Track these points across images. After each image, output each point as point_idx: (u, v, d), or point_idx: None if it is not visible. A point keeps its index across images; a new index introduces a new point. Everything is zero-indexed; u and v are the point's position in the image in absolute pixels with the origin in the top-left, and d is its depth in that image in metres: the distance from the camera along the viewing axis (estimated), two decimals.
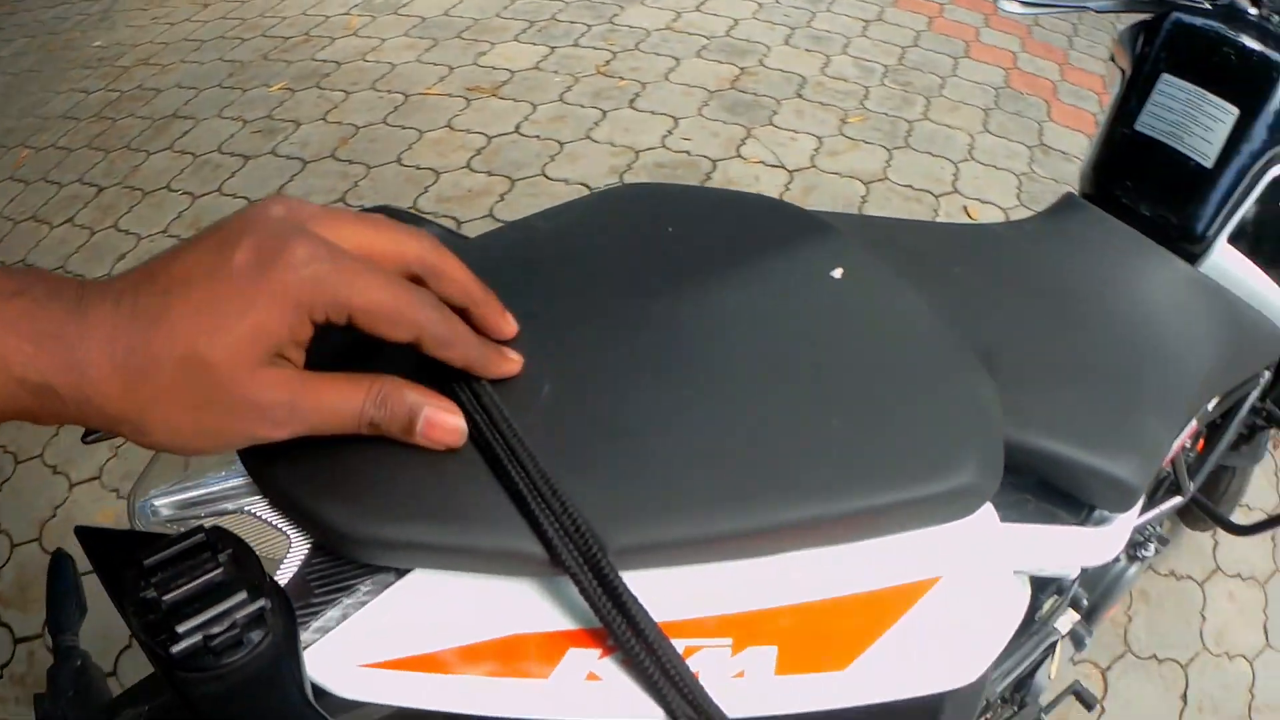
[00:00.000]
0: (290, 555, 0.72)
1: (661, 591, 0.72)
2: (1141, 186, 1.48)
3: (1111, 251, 1.37)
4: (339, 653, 0.70)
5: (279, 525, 0.73)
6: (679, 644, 0.71)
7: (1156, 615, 2.55)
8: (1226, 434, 1.75)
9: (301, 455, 0.71)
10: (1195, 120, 1.43)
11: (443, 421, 0.65)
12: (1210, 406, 1.51)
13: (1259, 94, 1.39)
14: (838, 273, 0.93)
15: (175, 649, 0.62)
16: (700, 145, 3.69)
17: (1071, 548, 1.10)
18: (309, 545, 0.72)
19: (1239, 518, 2.56)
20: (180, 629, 0.62)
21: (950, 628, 0.82)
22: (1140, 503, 1.15)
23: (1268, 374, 1.73)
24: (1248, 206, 1.43)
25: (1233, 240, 1.44)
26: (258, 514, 0.73)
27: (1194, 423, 1.43)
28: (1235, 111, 1.39)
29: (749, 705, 0.74)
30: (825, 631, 0.78)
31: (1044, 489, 1.08)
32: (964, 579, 0.84)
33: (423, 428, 0.64)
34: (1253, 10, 1.53)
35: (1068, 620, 1.54)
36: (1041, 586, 1.45)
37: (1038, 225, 1.43)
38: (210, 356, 0.55)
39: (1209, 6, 1.53)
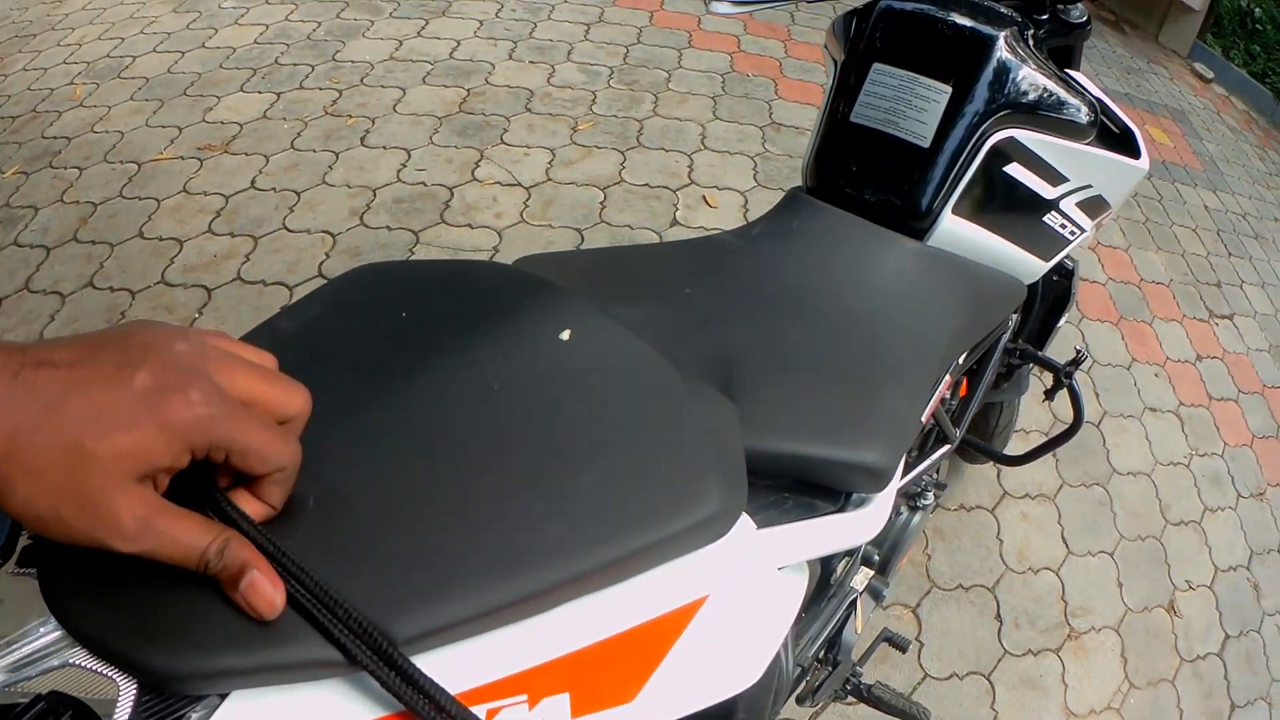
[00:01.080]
0: (122, 698, 0.75)
1: (454, 665, 0.77)
2: (863, 175, 1.51)
3: (839, 242, 1.40)
4: None
5: (103, 672, 0.75)
6: (480, 709, 0.77)
7: (955, 548, 2.72)
8: (984, 379, 1.87)
9: (109, 599, 0.74)
10: (909, 104, 1.47)
11: (263, 589, 0.68)
12: (961, 360, 1.60)
13: (971, 70, 1.44)
14: (565, 334, 0.97)
15: None
16: (436, 174, 3.86)
17: (834, 534, 1.15)
18: (135, 689, 0.75)
19: (1015, 447, 2.78)
20: None
21: (725, 638, 0.90)
22: (896, 477, 1.22)
23: (1015, 317, 1.86)
24: (969, 178, 1.46)
25: (959, 210, 1.48)
26: (82, 664, 0.76)
27: (948, 377, 1.53)
28: (948, 90, 1.44)
29: None
30: (610, 669, 0.84)
31: (800, 486, 1.15)
32: (730, 591, 0.91)
33: (245, 587, 0.67)
34: None
35: (863, 578, 1.59)
36: (831, 556, 1.48)
37: (765, 227, 1.45)
38: (94, 454, 0.59)
39: None
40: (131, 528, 0.61)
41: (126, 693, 0.73)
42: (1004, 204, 1.53)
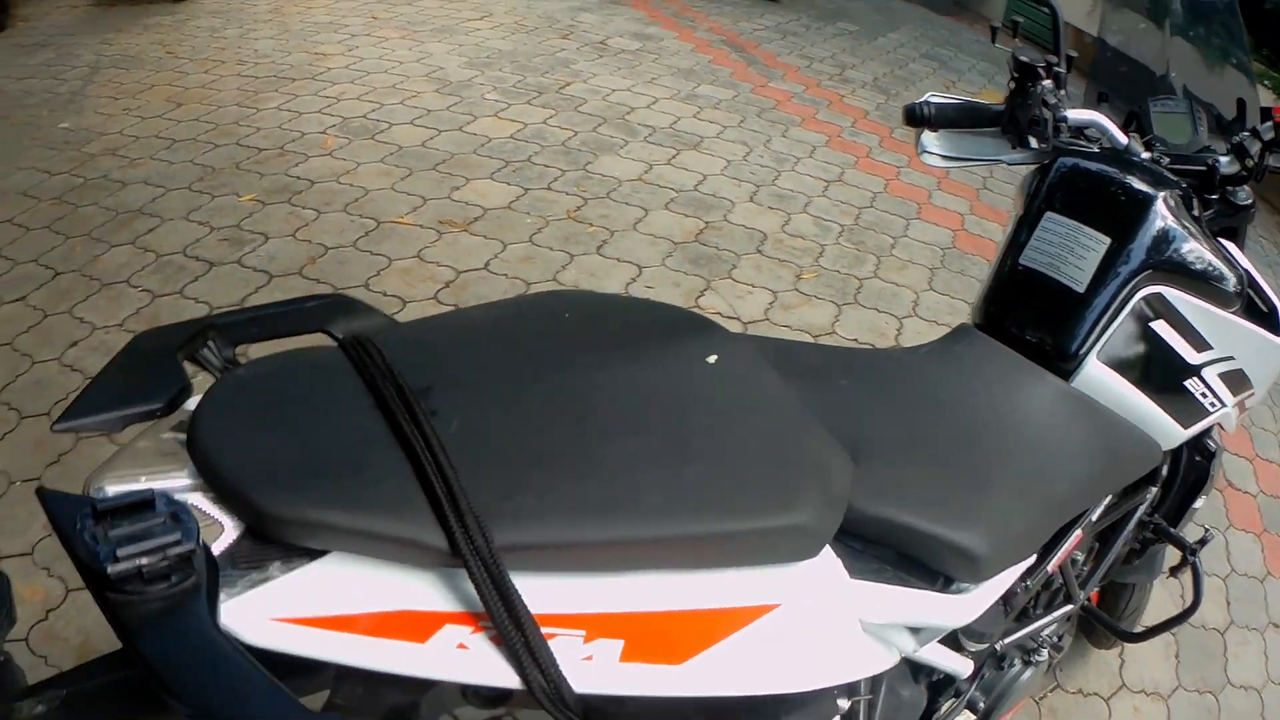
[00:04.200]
0: (224, 537, 0.85)
1: (530, 590, 0.86)
2: (1023, 313, 1.62)
3: (989, 369, 1.51)
4: (254, 607, 0.82)
5: (216, 516, 0.86)
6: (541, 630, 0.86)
7: None
8: (1115, 545, 1.87)
9: (238, 451, 0.87)
10: (1072, 251, 1.57)
11: None
12: (1095, 517, 1.63)
13: (1130, 224, 1.55)
14: (713, 359, 1.13)
15: (111, 569, 0.76)
16: (662, 294, 3.76)
17: (921, 607, 1.21)
18: (240, 531, 0.86)
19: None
20: (119, 553, 0.76)
21: (783, 646, 0.99)
22: (996, 578, 1.29)
23: (1155, 489, 1.87)
24: (1117, 326, 1.55)
25: (1105, 358, 1.55)
26: (199, 505, 0.85)
27: (1079, 532, 1.57)
28: (1107, 241, 1.54)
29: (594, 682, 0.90)
30: (668, 635, 0.94)
31: (902, 562, 1.21)
32: (802, 611, 1.01)
33: None
34: (1145, 154, 1.72)
35: None
36: (938, 690, 1.59)
37: (930, 348, 1.58)
38: None
39: (1096, 150, 1.72)
40: None
41: (230, 535, 0.85)
42: (1147, 359, 1.60)
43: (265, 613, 0.82)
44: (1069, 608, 1.78)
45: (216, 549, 0.84)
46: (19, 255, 3.71)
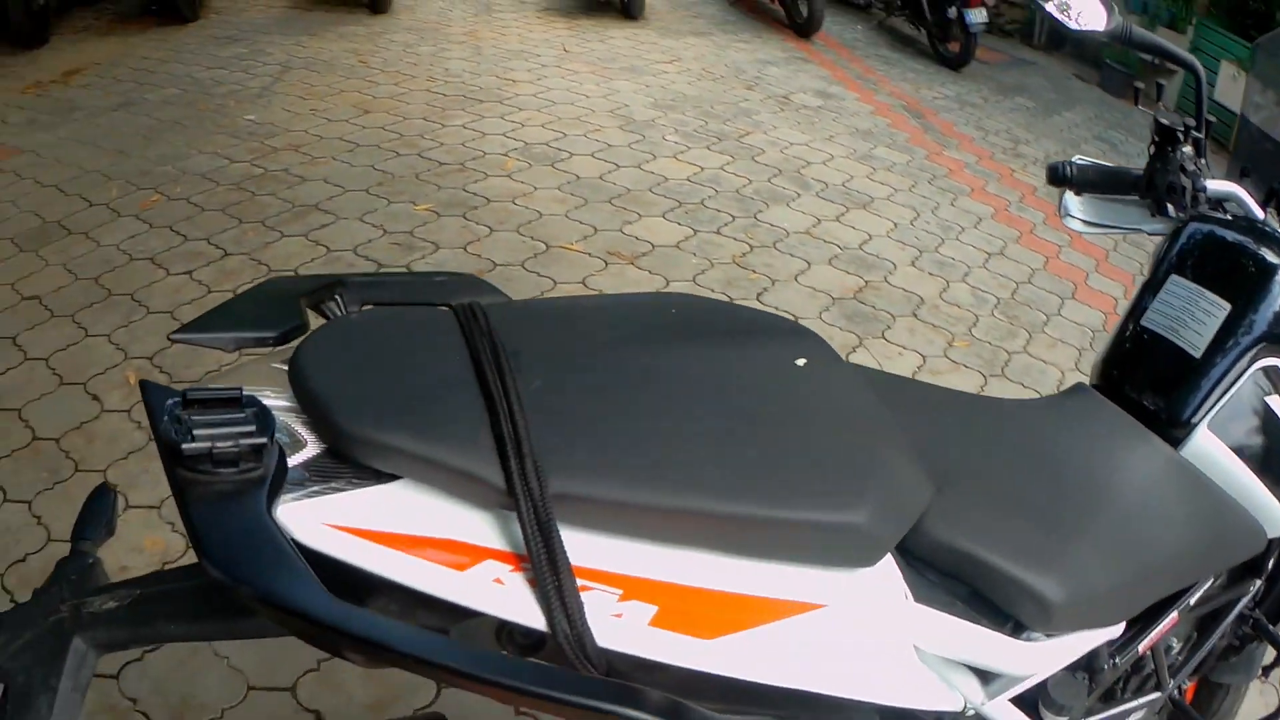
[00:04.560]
0: (304, 452, 0.90)
1: (575, 543, 0.88)
2: (1139, 375, 1.59)
3: (1095, 427, 1.47)
4: (312, 511, 0.86)
5: (303, 434, 0.92)
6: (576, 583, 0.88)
7: None
8: (1212, 636, 1.77)
9: (335, 374, 0.93)
10: (1192, 315, 1.54)
11: None
12: (1192, 601, 1.56)
13: (1253, 292, 1.52)
14: (801, 361, 1.13)
15: (185, 446, 0.82)
16: None
17: (983, 646, 1.16)
18: (321, 450, 0.90)
19: None
20: (196, 433, 0.82)
21: (822, 647, 0.98)
22: (1071, 636, 1.24)
23: (1259, 582, 1.76)
24: (1230, 396, 1.51)
25: (1216, 429, 1.51)
26: (290, 424, 0.92)
27: (1174, 614, 1.50)
28: (1227, 307, 1.51)
29: (620, 640, 0.90)
30: (705, 609, 0.94)
31: (975, 598, 1.17)
32: (849, 616, 1.00)
33: None
34: None
35: None
36: None
37: (1041, 404, 1.59)
38: None
39: (1229, 218, 1.68)
40: None
41: (311, 450, 0.90)
42: (1258, 435, 1.54)
43: (321, 517, 0.86)
44: (1157, 695, 1.69)
45: (294, 460, 0.89)
46: (191, 233, 3.87)
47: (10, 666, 0.92)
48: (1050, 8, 1.79)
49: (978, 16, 7.48)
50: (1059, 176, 1.81)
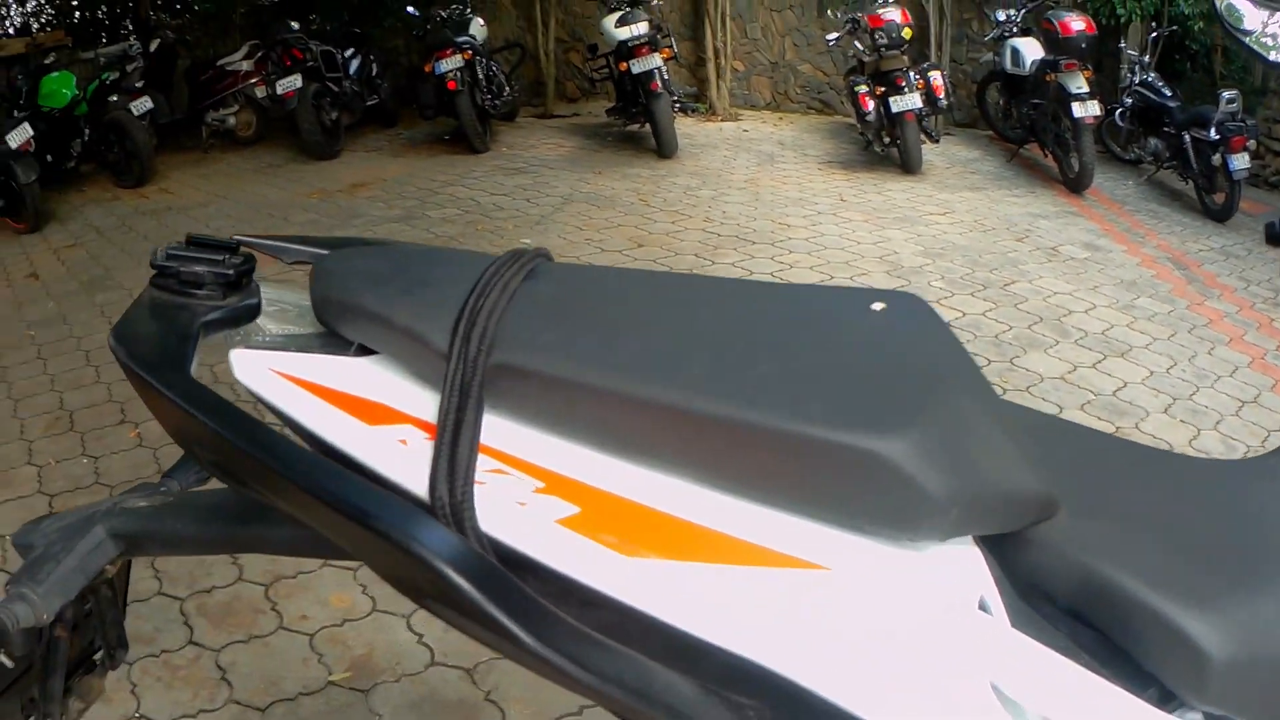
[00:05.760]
0: (297, 327, 0.96)
1: (511, 431, 0.79)
2: None
3: None
4: (265, 359, 0.89)
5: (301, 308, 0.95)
6: (491, 462, 0.78)
7: None
8: None
9: (349, 265, 0.95)
10: None
11: None
12: None
13: None
14: (878, 305, 0.85)
15: (158, 262, 0.94)
16: None
17: (1103, 708, 0.75)
18: (317, 330, 0.94)
19: None
20: (169, 252, 0.94)
21: (811, 614, 0.71)
22: None
23: None
24: None
25: None
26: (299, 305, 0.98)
27: None
28: None
29: (507, 529, 0.76)
30: (641, 527, 0.73)
31: (1105, 646, 0.83)
32: (861, 587, 0.71)
33: None
34: None
35: None
36: None
37: (1244, 462, 1.20)
38: None
39: None
40: None
41: (309, 330, 0.95)
42: None
43: (270, 364, 0.88)
44: None
45: (280, 329, 0.94)
46: None
47: (36, 539, 1.04)
48: (1250, 42, 1.58)
49: (1240, 162, 7.53)
50: (1277, 237, 1.68)
